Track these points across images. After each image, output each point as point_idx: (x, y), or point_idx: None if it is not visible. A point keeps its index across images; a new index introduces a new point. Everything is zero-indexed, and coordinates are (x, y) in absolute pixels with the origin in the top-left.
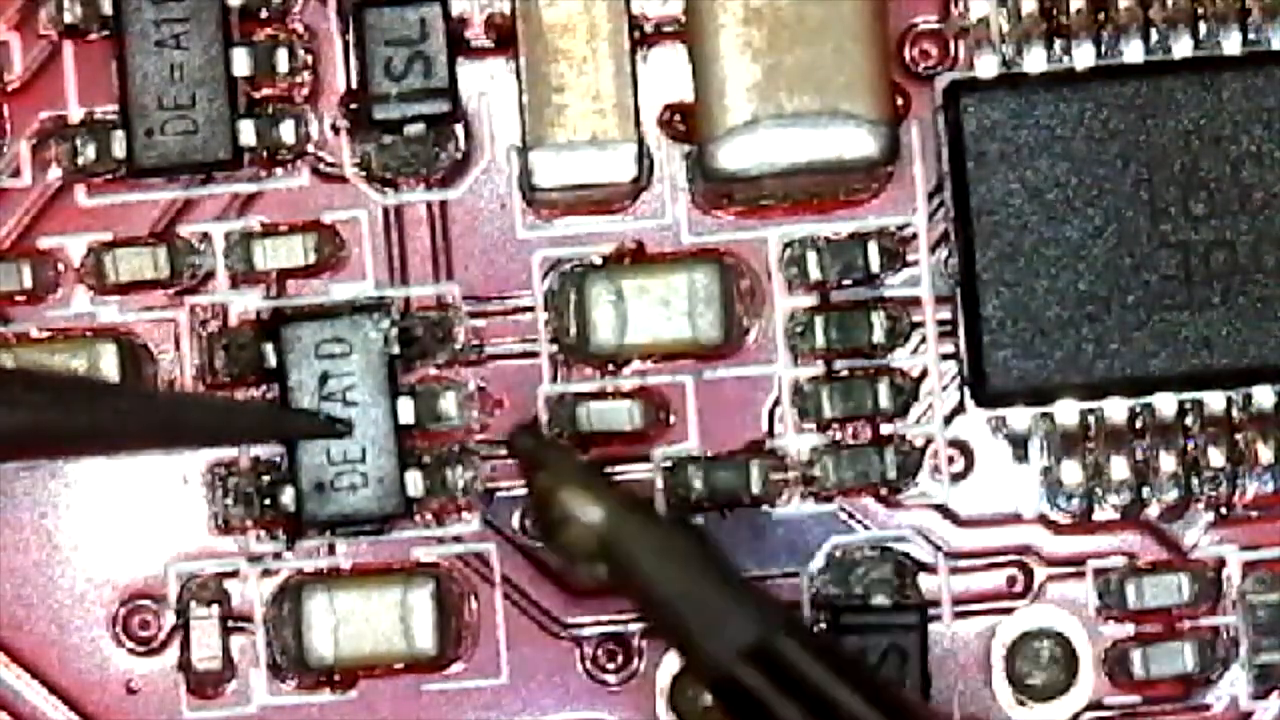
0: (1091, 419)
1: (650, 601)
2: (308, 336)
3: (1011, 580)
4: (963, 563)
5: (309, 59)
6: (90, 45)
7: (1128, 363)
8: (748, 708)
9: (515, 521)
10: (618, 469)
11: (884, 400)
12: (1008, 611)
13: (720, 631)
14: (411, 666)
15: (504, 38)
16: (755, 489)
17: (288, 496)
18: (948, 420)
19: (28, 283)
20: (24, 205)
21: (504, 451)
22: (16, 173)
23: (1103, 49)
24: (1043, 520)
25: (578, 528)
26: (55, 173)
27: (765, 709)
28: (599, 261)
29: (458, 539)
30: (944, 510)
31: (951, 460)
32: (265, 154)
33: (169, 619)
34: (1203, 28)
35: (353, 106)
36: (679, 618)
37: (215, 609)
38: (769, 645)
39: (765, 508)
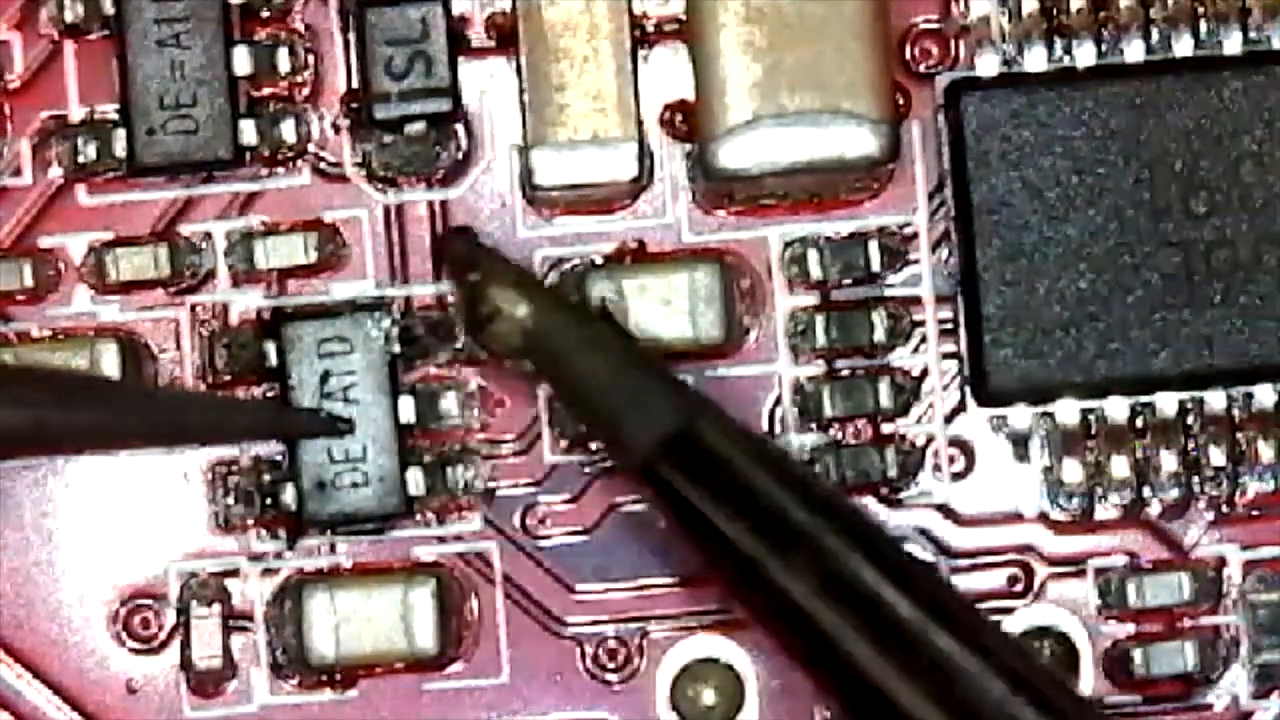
0: (1092, 418)
1: (575, 393)
2: (309, 335)
3: (1012, 579)
4: (963, 562)
5: (310, 58)
6: (91, 44)
7: (1128, 362)
8: (671, 498)
9: (516, 521)
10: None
11: (885, 399)
12: (1009, 611)
13: (642, 420)
14: (412, 666)
15: (505, 37)
16: None
17: (289, 495)
18: (949, 419)
19: (29, 282)
20: (25, 204)
21: (505, 450)
22: (17, 172)
23: (1103, 48)
24: (1043, 519)
25: (506, 322)
26: (56, 172)
27: (686, 498)
28: (600, 261)
29: (459, 538)
30: (945, 509)
31: (952, 459)
32: (266, 153)
33: (170, 618)
34: (1203, 27)
35: (354, 106)
36: (602, 407)
37: (216, 608)
38: (690, 431)
39: None
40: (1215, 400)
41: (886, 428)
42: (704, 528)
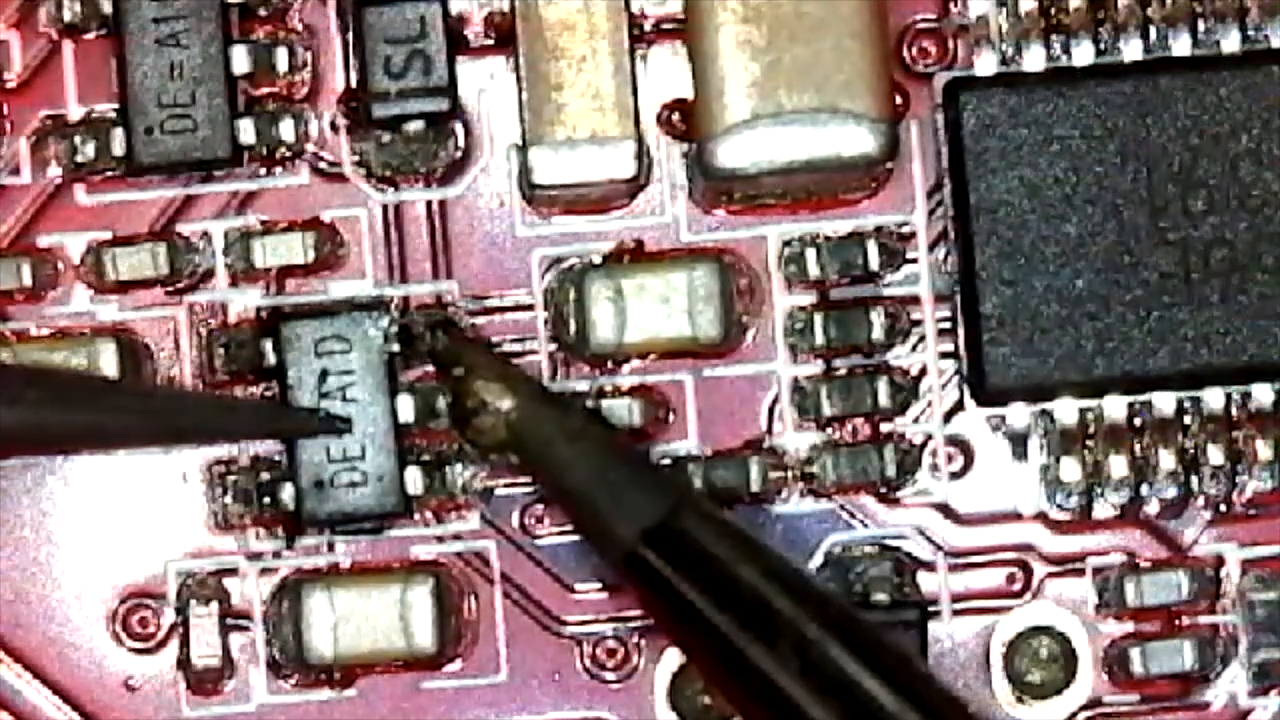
0: (1090, 417)
1: (559, 486)
2: (307, 334)
3: (1011, 578)
4: (962, 560)
5: (308, 57)
6: (89, 43)
7: (1127, 360)
8: (655, 588)
9: (515, 520)
10: None
11: (883, 398)
12: (1007, 609)
13: (625, 512)
14: (411, 664)
15: (503, 36)
16: (754, 487)
17: (287, 494)
18: (947, 418)
19: (27, 281)
20: (23, 203)
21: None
22: (16, 171)
23: (1101, 47)
24: (1042, 518)
25: (490, 416)
26: (54, 171)
27: (670, 588)
28: (598, 260)
29: (457, 537)
30: (943, 508)
31: (950, 458)
32: (264, 152)
33: (168, 617)
34: (1201, 26)
35: (352, 105)
36: (586, 501)
37: (214, 607)
38: (672, 524)
39: (765, 506)
40: (1213, 399)
41: (885, 427)
42: (688, 616)
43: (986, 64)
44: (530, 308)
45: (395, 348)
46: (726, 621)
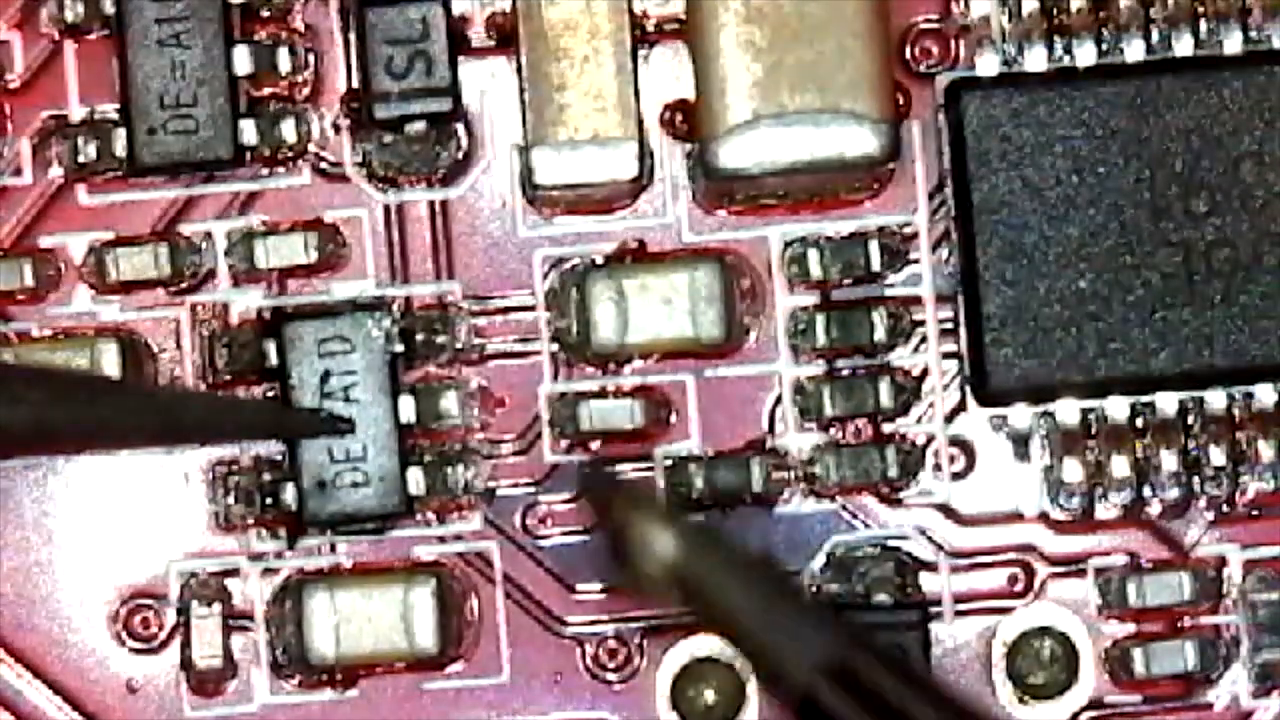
0: (1093, 417)
1: (729, 626)
2: (309, 335)
3: (1013, 579)
4: (964, 561)
5: (310, 58)
6: (91, 44)
7: (1129, 361)
8: None
9: (517, 520)
10: (619, 468)
11: (885, 399)
12: (1009, 610)
13: (799, 652)
14: (413, 665)
15: (505, 36)
16: (756, 488)
17: (289, 495)
18: (949, 419)
19: (29, 281)
20: (25, 204)
21: (505, 450)
22: (18, 171)
23: (1104, 48)
24: (1044, 519)
25: (652, 560)
26: (56, 171)
27: None
28: (600, 260)
29: (459, 538)
30: (945, 509)
31: (953, 459)
32: (266, 153)
33: (170, 617)
34: (1203, 26)
35: (354, 105)
36: (758, 642)
37: (216, 607)
38: (846, 663)
39: (766, 506)
40: (1215, 400)
41: (887, 427)
42: None
43: (988, 64)
44: (532, 308)
45: (397, 348)
46: None
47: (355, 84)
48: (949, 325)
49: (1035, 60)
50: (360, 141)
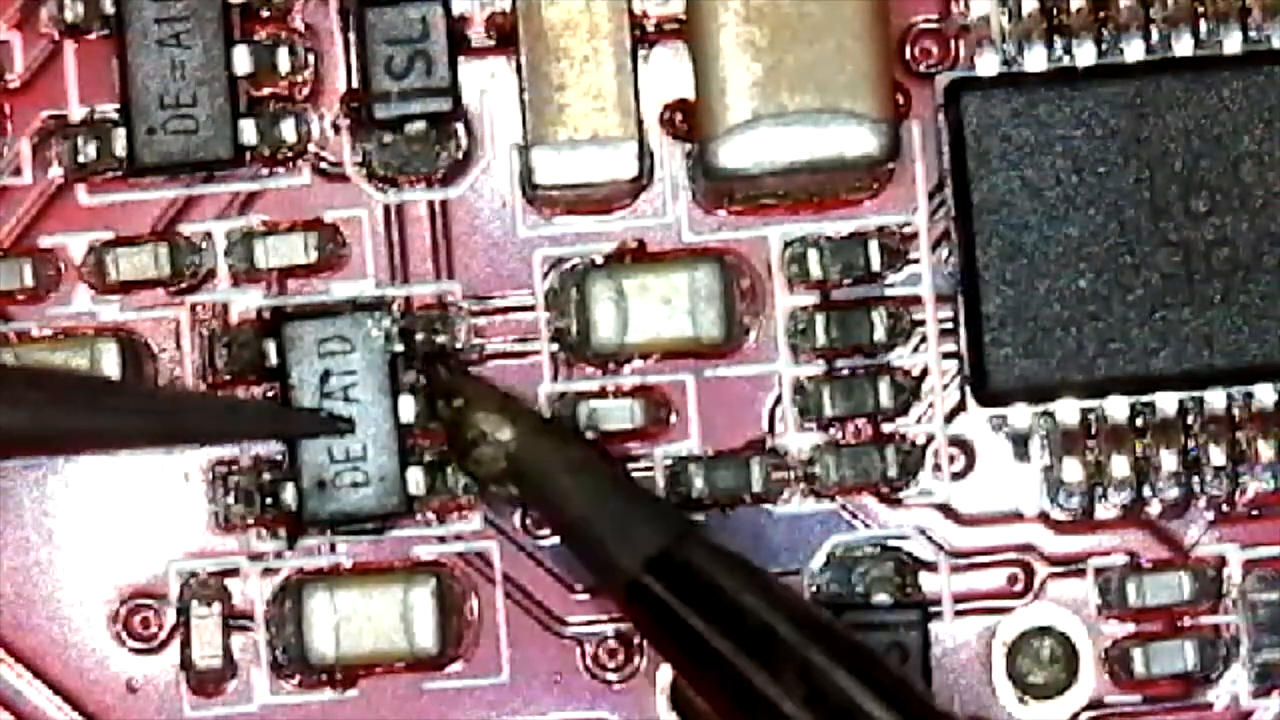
0: (1092, 417)
1: (560, 515)
2: (309, 335)
3: (1012, 579)
4: (964, 561)
5: (310, 58)
6: (91, 44)
7: (1129, 361)
8: (658, 616)
9: (517, 520)
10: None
11: (885, 399)
12: (1009, 610)
13: (629, 541)
14: (413, 665)
15: (505, 36)
16: (756, 487)
17: (289, 494)
18: (949, 419)
19: (29, 281)
20: (25, 204)
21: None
22: (18, 171)
23: (1103, 48)
24: (1044, 518)
25: (490, 447)
26: (56, 171)
27: (674, 616)
28: (600, 260)
29: (459, 537)
30: (945, 509)
31: (952, 459)
32: (266, 153)
33: (170, 617)
34: (1203, 26)
35: (354, 105)
36: (589, 530)
37: (216, 607)
38: (675, 553)
39: (766, 506)
40: (1215, 399)
41: (886, 427)
42: (692, 645)
43: (988, 64)
44: (532, 308)
45: (397, 348)
46: (731, 649)
47: (355, 84)
48: (949, 325)
49: (1035, 60)
50: (360, 141)
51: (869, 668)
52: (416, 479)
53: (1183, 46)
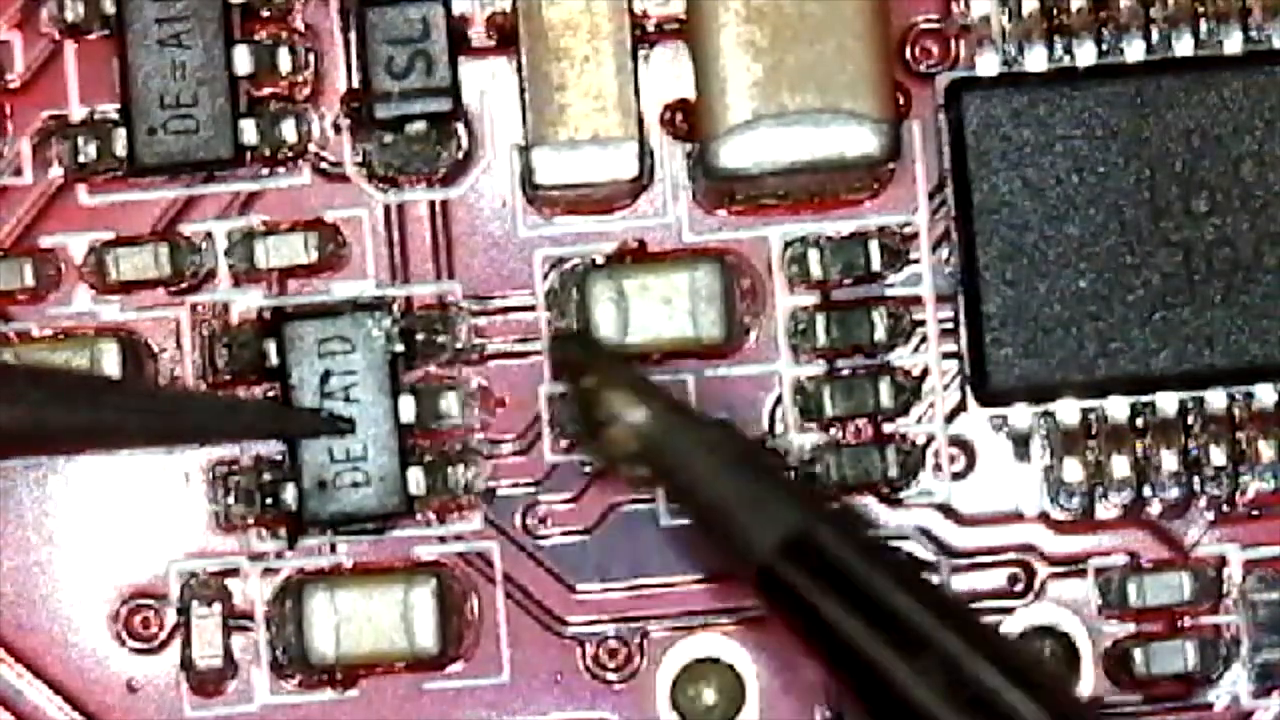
0: (1093, 417)
1: (693, 497)
2: (309, 335)
3: (1013, 579)
4: (964, 561)
5: (310, 58)
6: (92, 44)
7: (1129, 361)
8: (790, 600)
9: (517, 520)
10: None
11: (885, 399)
12: (1009, 610)
13: (762, 523)
14: (413, 665)
15: (505, 36)
16: None
17: (289, 495)
18: (949, 419)
19: (29, 281)
20: (25, 204)
21: (505, 450)
22: (18, 171)
23: (1104, 48)
24: (1044, 519)
25: (621, 428)
26: (57, 171)
27: (805, 601)
28: (600, 260)
29: (459, 537)
30: (945, 509)
31: (953, 459)
32: (267, 153)
33: (170, 617)
34: (1204, 27)
35: (354, 105)
36: (722, 513)
37: (217, 607)
38: (809, 536)
39: None
40: (1216, 400)
41: (887, 427)
42: (826, 631)
43: (989, 64)
44: (532, 308)
45: (398, 348)
46: (867, 635)
47: (355, 84)
48: (949, 325)
49: (1035, 60)
50: (360, 141)
51: (1010, 657)
52: (417, 479)
53: (1183, 46)
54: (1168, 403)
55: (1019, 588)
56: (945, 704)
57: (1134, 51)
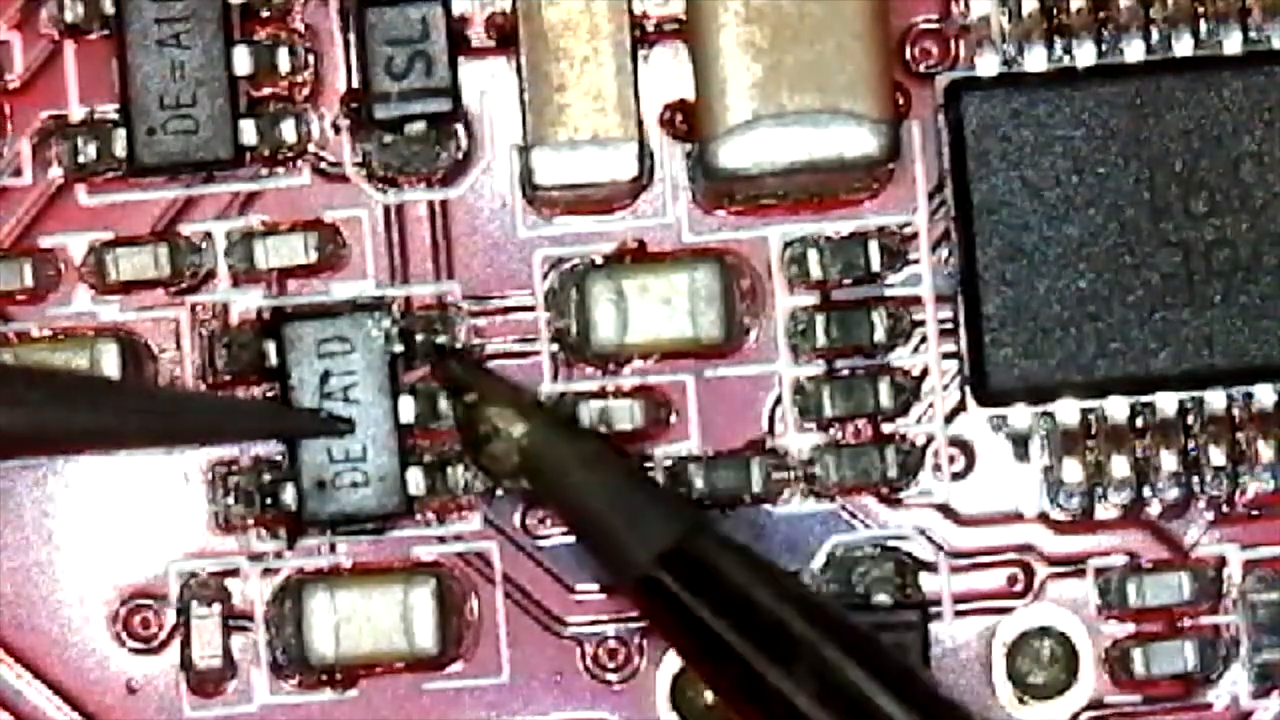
0: (1092, 418)
1: (573, 510)
2: (309, 335)
3: (1012, 579)
4: (963, 561)
5: (310, 58)
6: (91, 44)
7: (1128, 361)
8: (671, 609)
9: (516, 520)
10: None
11: (885, 399)
12: (1008, 610)
13: (641, 536)
14: (412, 665)
15: (505, 37)
16: (756, 488)
17: (289, 495)
18: (949, 419)
19: (29, 281)
20: (25, 204)
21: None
22: (18, 172)
23: (1103, 48)
24: (1043, 519)
25: (503, 442)
26: (56, 171)
27: (686, 611)
28: (600, 260)
29: (459, 538)
30: (945, 509)
31: (952, 459)
32: (266, 153)
33: (170, 618)
34: (1203, 27)
35: (354, 105)
36: (602, 526)
37: (216, 608)
38: (687, 547)
39: (766, 507)
40: (1215, 400)
41: (886, 427)
42: (704, 639)
43: (988, 65)
44: (532, 309)
45: (397, 348)
46: (743, 644)
47: (355, 84)
48: (949, 325)
49: (1035, 60)
50: (360, 142)
51: (885, 664)
52: (416, 479)
53: (1183, 47)
54: (1167, 403)
55: (1018, 588)
56: (821, 710)
57: (1134, 52)
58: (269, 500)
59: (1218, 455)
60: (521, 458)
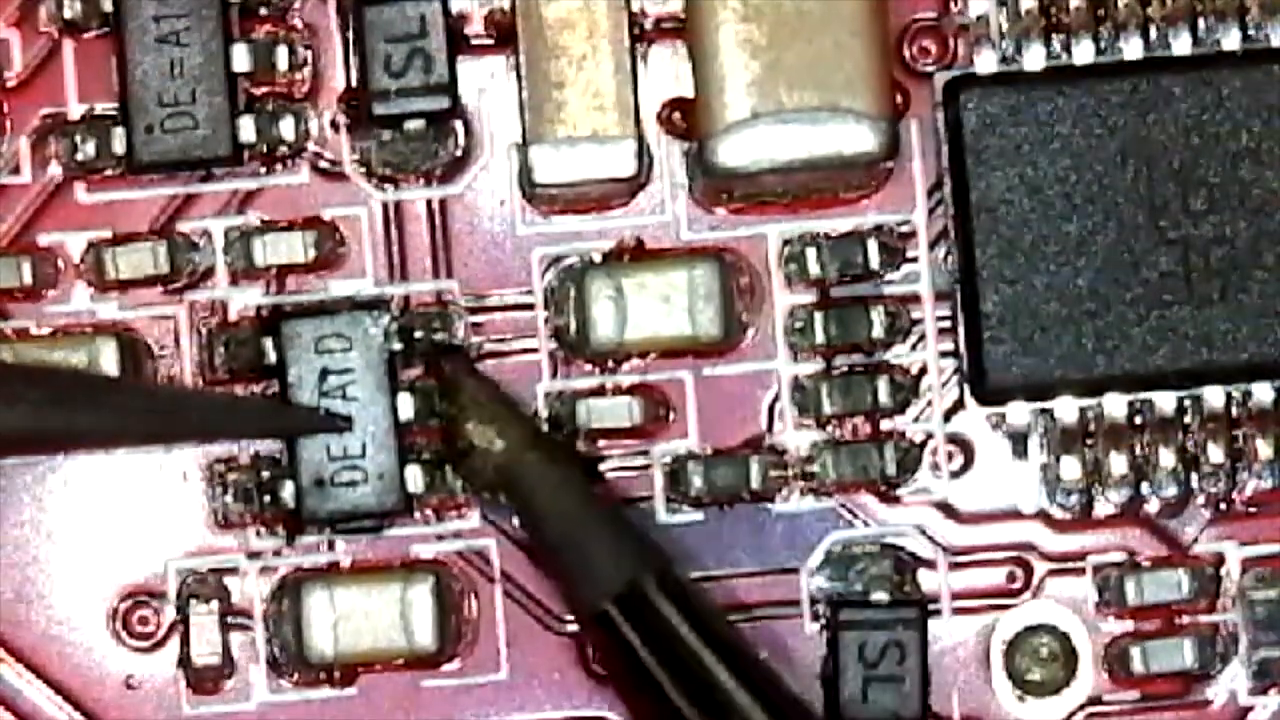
0: (1091, 415)
1: (541, 534)
2: (307, 333)
3: (1011, 576)
4: (962, 559)
5: (309, 55)
6: (90, 42)
7: (1127, 359)
8: (619, 647)
9: (515, 518)
10: (617, 466)
11: (883, 396)
12: (1007, 608)
13: (595, 573)
14: (411, 663)
15: (504, 34)
16: (755, 485)
17: (287, 492)
18: (947, 416)
19: (28, 279)
20: (24, 202)
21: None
22: (16, 169)
23: (1102, 45)
24: (1042, 516)
25: (480, 457)
26: (55, 169)
27: (630, 650)
28: (598, 258)
29: (458, 535)
30: (943, 506)
31: (951, 456)
32: (265, 150)
33: (168, 615)
34: (1201, 24)
35: (352, 103)
36: (561, 555)
37: (215, 605)
38: (639, 591)
39: (765, 504)
40: (1214, 397)
41: (885, 425)
42: (645, 683)
43: (987, 62)
44: (530, 306)
45: (396, 346)
46: (678, 695)
47: (354, 82)
48: (947, 323)
49: (1033, 58)
50: (359, 139)
51: None
52: (415, 477)
53: (1181, 45)
54: (1166, 401)
55: (1017, 585)
56: None
57: (1132, 50)
58: (268, 498)
59: (1216, 453)
60: (497, 474)
